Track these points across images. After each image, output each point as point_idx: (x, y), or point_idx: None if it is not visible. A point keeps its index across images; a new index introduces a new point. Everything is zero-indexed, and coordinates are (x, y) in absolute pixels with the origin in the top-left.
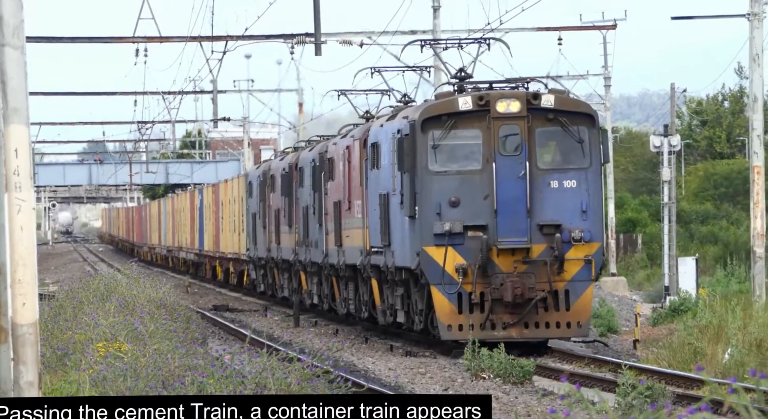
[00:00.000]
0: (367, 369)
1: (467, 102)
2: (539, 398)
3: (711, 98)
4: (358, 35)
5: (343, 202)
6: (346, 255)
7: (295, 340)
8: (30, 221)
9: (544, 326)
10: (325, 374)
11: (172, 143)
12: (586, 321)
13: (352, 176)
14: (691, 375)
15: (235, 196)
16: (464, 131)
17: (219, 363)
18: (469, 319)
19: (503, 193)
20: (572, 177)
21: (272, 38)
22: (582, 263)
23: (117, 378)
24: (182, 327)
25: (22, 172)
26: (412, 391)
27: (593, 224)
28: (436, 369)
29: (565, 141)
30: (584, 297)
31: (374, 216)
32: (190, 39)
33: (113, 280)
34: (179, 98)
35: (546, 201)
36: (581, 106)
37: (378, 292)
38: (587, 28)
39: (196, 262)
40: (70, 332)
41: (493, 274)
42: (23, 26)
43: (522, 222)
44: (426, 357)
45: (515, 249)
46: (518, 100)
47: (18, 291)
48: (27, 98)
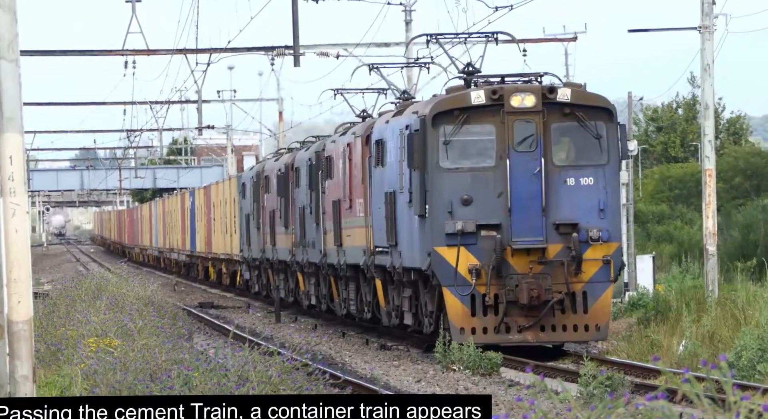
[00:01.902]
0: (344, 363)
1: (480, 96)
2: (506, 388)
3: (666, 106)
4: (334, 47)
5: (344, 201)
6: (347, 255)
7: (276, 335)
8: (24, 224)
9: (561, 329)
10: (304, 367)
11: (159, 150)
12: (605, 324)
13: (354, 174)
14: (649, 366)
15: (227, 197)
16: (477, 126)
17: (204, 357)
18: (483, 322)
19: (517, 191)
20: (589, 174)
21: (253, 50)
22: (600, 264)
23: (107, 371)
24: (169, 324)
25: (16, 178)
26: (387, 383)
27: (611, 223)
28: (410, 361)
29: (582, 136)
30: (603, 299)
31: (379, 215)
32: (176, 51)
33: (104, 279)
34: (166, 107)
35: (562, 199)
36: (599, 100)
37: (382, 293)
38: (550, 40)
39: (187, 263)
40: (63, 328)
41: (508, 275)
42: (18, 40)
43: (537, 221)
44: (400, 350)
45: (530, 250)
46: (533, 94)
47: (13, 289)
48: (21, 108)
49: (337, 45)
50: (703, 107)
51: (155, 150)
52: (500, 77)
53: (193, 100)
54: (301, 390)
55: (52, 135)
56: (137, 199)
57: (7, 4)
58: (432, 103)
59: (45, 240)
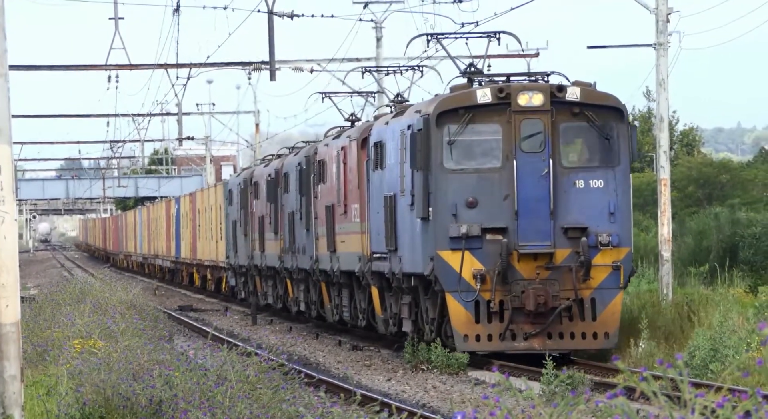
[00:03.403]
0: (318, 363)
1: (486, 94)
2: (472, 386)
3: None
4: (308, 63)
5: (338, 206)
6: (341, 262)
7: (252, 337)
8: (13, 231)
9: (568, 337)
10: (280, 367)
11: (141, 160)
12: (614, 331)
13: (349, 178)
14: (608, 366)
15: (212, 204)
16: (482, 126)
17: (184, 357)
18: (487, 329)
19: (524, 193)
20: (599, 176)
21: (231, 65)
22: (610, 269)
23: (92, 371)
24: (150, 326)
25: (5, 187)
26: (359, 382)
27: (622, 227)
28: (380, 361)
29: (592, 137)
30: (612, 306)
31: (377, 219)
32: (157, 66)
33: (88, 284)
34: (148, 119)
35: (571, 202)
36: (609, 99)
37: (379, 301)
38: (512, 56)
39: (172, 269)
40: (49, 331)
41: (514, 281)
42: (6, 55)
43: (545, 224)
44: (371, 350)
45: (538, 254)
46: (541, 92)
47: (1, 294)
48: (10, 120)
49: (311, 60)
50: (658, 120)
51: (137, 160)
52: (506, 76)
53: (174, 112)
54: (277, 389)
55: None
56: (120, 207)
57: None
58: (436, 101)
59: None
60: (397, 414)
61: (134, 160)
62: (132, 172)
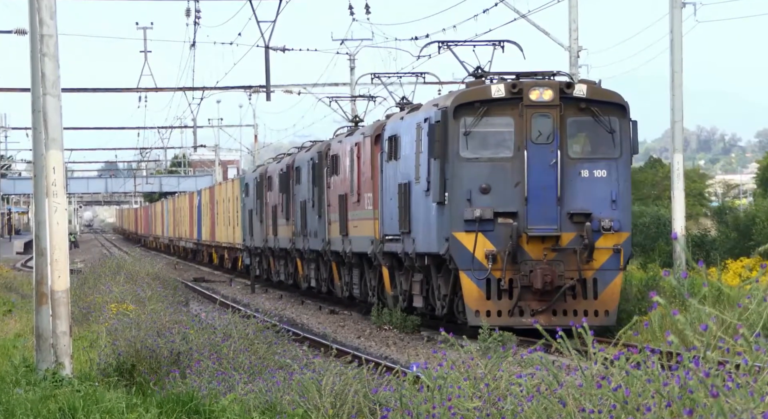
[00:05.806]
0: (303, 323)
1: (500, 89)
2: (425, 343)
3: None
4: (297, 86)
5: (351, 195)
6: (353, 244)
7: (251, 303)
8: (63, 218)
9: (572, 314)
10: (273, 327)
11: (164, 163)
12: (614, 309)
13: (362, 171)
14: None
15: (229, 195)
16: (496, 119)
17: (197, 318)
18: (497, 305)
19: (534, 181)
20: (603, 167)
21: (236, 88)
22: (611, 252)
23: (125, 329)
24: (171, 293)
25: (58, 183)
26: (335, 338)
27: (623, 214)
28: (352, 323)
29: (597, 131)
30: (612, 285)
31: (389, 206)
32: (177, 89)
33: (123, 260)
34: (169, 131)
35: (576, 190)
36: (613, 96)
37: (389, 279)
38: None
39: (193, 250)
40: (92, 296)
41: (523, 261)
42: (59, 81)
43: (552, 210)
44: (345, 314)
45: (545, 237)
46: (551, 88)
47: (54, 267)
48: (62, 131)
49: (298, 84)
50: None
51: (161, 163)
52: (515, 75)
53: (190, 125)
54: (271, 344)
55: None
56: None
57: (51, 53)
58: (454, 95)
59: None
60: (365, 364)
61: (159, 163)
62: (157, 172)
